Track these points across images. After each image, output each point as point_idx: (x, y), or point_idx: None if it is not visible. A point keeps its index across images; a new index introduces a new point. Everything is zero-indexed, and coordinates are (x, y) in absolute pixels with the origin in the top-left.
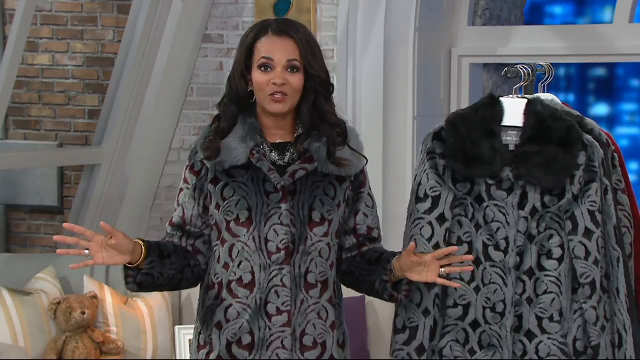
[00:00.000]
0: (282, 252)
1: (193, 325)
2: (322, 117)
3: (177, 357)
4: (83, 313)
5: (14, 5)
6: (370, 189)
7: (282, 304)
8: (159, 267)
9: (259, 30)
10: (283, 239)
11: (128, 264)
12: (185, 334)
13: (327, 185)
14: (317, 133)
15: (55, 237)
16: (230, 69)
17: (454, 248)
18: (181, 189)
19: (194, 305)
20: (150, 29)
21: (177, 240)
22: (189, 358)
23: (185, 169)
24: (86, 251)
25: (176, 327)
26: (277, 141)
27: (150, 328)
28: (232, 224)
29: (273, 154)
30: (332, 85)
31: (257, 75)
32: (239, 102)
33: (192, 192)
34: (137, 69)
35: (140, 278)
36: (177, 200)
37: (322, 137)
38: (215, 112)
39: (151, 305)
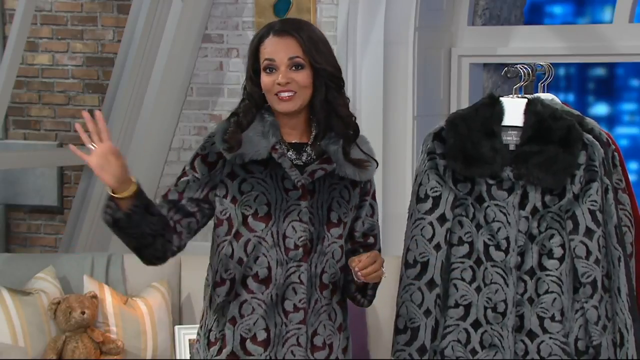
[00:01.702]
0: (300, 249)
1: (193, 325)
2: (335, 110)
3: (177, 357)
4: (83, 313)
5: (14, 5)
6: (374, 198)
7: (299, 301)
8: (139, 217)
9: (263, 33)
10: (301, 236)
11: (112, 192)
12: (185, 334)
13: (343, 189)
14: (334, 135)
15: (77, 125)
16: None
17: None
18: (185, 173)
19: (194, 305)
20: (150, 29)
21: (165, 211)
22: (189, 358)
23: (197, 156)
24: (93, 146)
25: (176, 327)
26: (294, 141)
27: (150, 328)
28: (250, 219)
29: (290, 153)
30: (342, 79)
31: (263, 78)
32: (256, 104)
33: (200, 180)
34: (137, 69)
35: (118, 215)
36: (176, 182)
37: (339, 139)
38: (217, 112)
39: (151, 305)
